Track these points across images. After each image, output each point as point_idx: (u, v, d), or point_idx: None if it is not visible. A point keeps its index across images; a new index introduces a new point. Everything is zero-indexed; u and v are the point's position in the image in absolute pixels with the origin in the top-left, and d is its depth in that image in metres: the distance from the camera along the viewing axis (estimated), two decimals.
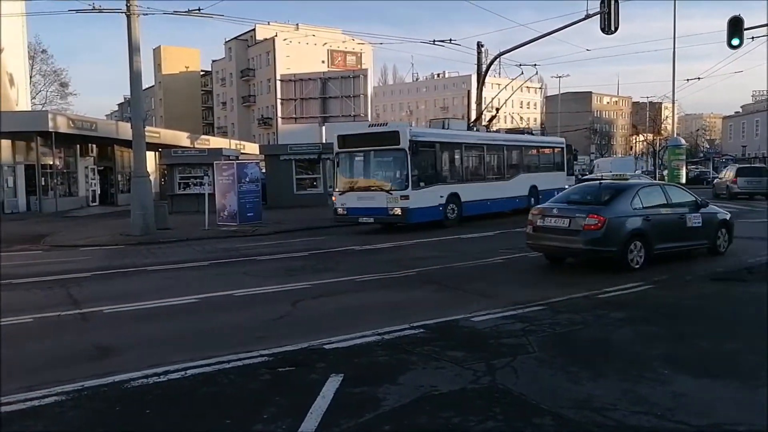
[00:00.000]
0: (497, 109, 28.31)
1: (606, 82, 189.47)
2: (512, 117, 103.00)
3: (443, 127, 20.86)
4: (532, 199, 23.09)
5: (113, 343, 6.74)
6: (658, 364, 5.58)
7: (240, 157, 31.09)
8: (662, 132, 69.07)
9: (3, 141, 27.45)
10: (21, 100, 37.40)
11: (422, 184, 17.55)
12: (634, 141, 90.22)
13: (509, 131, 28.53)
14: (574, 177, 34.14)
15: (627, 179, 15.89)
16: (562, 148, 26.92)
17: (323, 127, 36.64)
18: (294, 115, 38.29)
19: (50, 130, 27.59)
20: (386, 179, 17.70)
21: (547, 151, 26.33)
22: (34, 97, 45.98)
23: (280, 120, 44.93)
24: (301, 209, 25.24)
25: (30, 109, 38.45)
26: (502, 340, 6.40)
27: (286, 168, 29.85)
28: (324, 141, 31.76)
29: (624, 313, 7.50)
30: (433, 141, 18.80)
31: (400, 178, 17.34)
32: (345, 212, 18.10)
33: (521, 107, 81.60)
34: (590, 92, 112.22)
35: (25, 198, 29.33)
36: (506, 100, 32.25)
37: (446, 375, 5.37)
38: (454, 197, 18.83)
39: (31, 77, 43.30)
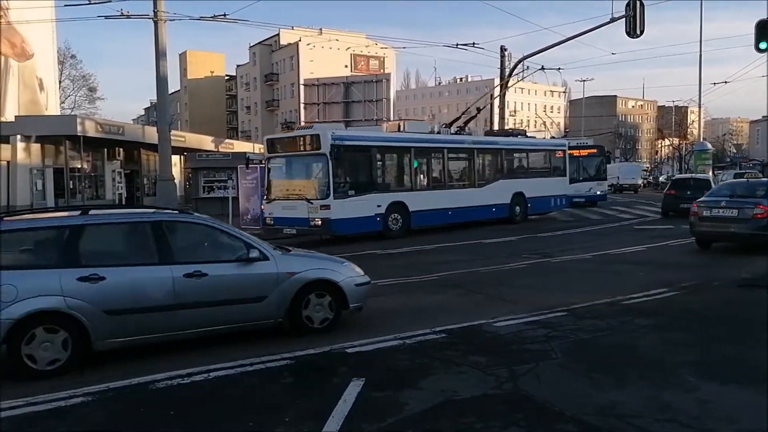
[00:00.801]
0: (478, 109, 25.39)
1: (631, 85, 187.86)
2: (535, 121, 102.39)
3: (398, 130, 19.08)
4: (517, 207, 21.34)
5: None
6: (683, 370, 5.50)
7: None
8: (688, 136, 68.16)
9: (32, 145, 28.01)
10: (50, 104, 38.10)
11: (351, 192, 16.14)
12: (659, 145, 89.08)
13: (496, 133, 25.89)
14: (606, 182, 31.32)
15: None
16: (564, 151, 24.54)
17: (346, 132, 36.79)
18: (317, 119, 38.54)
19: (79, 134, 28.05)
20: (308, 187, 16.35)
21: (539, 155, 23.70)
22: (63, 102, 46.84)
23: (303, 124, 45.23)
24: None
25: (59, 113, 39.14)
26: (525, 346, 6.36)
27: None
28: None
29: (649, 320, 7.40)
30: (367, 145, 17.17)
31: (321, 186, 15.95)
32: (272, 222, 16.88)
33: (545, 111, 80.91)
34: (615, 96, 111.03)
35: (54, 201, 29.82)
36: (496, 97, 30.60)
37: (468, 380, 5.35)
38: (397, 207, 17.19)
39: (60, 82, 44.06)
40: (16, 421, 4.69)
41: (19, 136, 27.13)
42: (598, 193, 30.02)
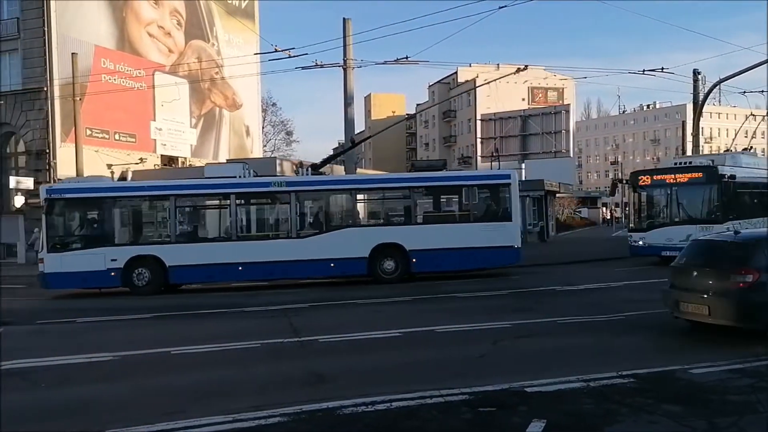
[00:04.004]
0: (353, 142, 20.59)
1: None
2: (734, 147, 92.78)
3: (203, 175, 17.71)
4: (389, 262, 16.34)
5: (326, 370, 7.30)
6: None
7: None
8: None
9: None
10: (255, 148, 42.64)
11: (77, 245, 15.98)
12: None
13: (412, 169, 20.69)
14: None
15: None
16: (507, 185, 17.10)
17: (523, 165, 36.39)
18: (494, 154, 38.59)
19: (277, 174, 30.94)
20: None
21: (443, 193, 17.83)
22: (265, 145, 51.70)
23: (479, 159, 45.52)
24: None
25: (261, 155, 43.50)
26: (727, 397, 5.79)
27: None
28: (524, 179, 31.36)
29: None
30: (97, 197, 16.31)
31: (43, 240, 16.08)
32: None
33: (746, 137, 73.17)
34: None
35: None
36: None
37: (660, 431, 4.99)
38: (146, 261, 15.81)
39: (263, 128, 48.93)
40: None
41: None
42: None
